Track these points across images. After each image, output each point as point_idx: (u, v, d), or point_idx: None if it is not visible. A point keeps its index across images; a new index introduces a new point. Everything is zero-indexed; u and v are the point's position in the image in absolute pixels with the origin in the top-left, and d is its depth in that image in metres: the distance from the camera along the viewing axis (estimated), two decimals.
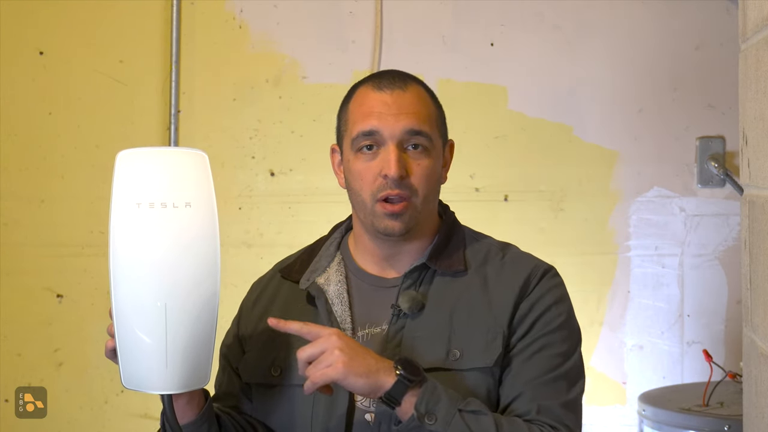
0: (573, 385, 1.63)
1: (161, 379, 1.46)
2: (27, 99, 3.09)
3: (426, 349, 1.62)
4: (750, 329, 1.70)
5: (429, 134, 1.65)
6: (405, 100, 1.64)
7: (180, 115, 3.08)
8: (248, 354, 1.74)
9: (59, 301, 3.09)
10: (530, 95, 3.08)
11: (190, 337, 1.46)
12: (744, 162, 1.71)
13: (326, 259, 1.75)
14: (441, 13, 3.08)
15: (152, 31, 3.09)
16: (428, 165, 1.64)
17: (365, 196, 1.64)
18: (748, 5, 1.66)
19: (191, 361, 1.46)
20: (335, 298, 1.68)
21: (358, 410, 1.62)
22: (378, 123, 1.63)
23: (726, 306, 3.05)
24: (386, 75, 1.69)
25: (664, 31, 3.05)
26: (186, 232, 1.45)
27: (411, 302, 1.64)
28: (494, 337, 1.62)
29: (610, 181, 3.08)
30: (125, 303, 1.44)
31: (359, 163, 1.65)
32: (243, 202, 3.09)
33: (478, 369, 1.61)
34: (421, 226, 1.68)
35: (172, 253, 1.44)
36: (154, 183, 1.45)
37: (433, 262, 1.68)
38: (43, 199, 3.09)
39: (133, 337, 1.44)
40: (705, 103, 3.06)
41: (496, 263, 1.69)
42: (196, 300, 1.46)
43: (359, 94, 1.69)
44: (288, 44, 3.09)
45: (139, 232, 1.44)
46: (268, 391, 1.69)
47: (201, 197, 1.47)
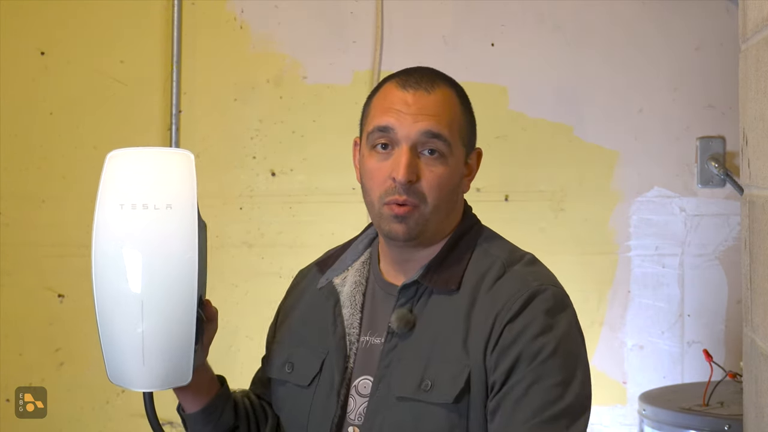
0: (575, 421, 1.47)
1: (140, 376, 1.50)
2: (28, 99, 3.10)
3: (405, 374, 1.55)
4: (750, 329, 1.70)
5: (447, 139, 1.56)
6: (427, 101, 1.57)
7: (181, 115, 3.08)
8: (273, 346, 1.74)
9: (60, 301, 3.09)
10: (531, 95, 3.08)
11: (167, 335, 1.48)
12: (744, 162, 1.71)
13: (352, 257, 1.70)
14: (441, 13, 3.08)
15: (153, 32, 3.09)
16: (442, 172, 1.56)
17: (374, 196, 1.59)
18: (748, 5, 1.67)
19: (169, 360, 1.49)
20: (347, 300, 1.65)
21: (347, 422, 1.60)
22: (395, 121, 1.56)
23: (726, 306, 3.05)
24: (415, 73, 1.62)
25: (664, 31, 3.06)
26: (165, 234, 1.48)
27: (400, 321, 1.57)
28: (460, 372, 1.51)
29: (610, 181, 3.08)
30: (105, 300, 1.50)
31: (372, 162, 1.59)
32: (244, 202, 3.10)
33: (442, 405, 1.51)
34: (434, 234, 1.60)
35: (150, 254, 1.47)
36: (137, 184, 1.49)
37: (426, 278, 1.59)
38: (44, 199, 3.09)
39: (113, 334, 1.50)
40: (705, 103, 3.06)
41: (488, 283, 1.57)
42: (174, 299, 1.48)
43: (384, 89, 1.62)
44: (289, 44, 3.10)
45: (120, 233, 1.48)
46: (281, 387, 1.70)
47: (182, 198, 1.49)
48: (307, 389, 1.64)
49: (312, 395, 1.63)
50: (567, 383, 1.48)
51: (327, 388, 1.61)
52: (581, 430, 1.48)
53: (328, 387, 1.61)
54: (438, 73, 1.64)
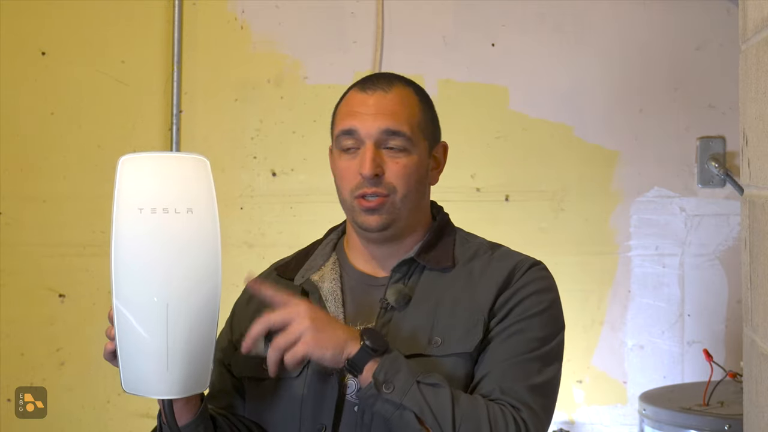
0: (546, 366, 1.62)
1: (162, 383, 1.46)
2: (29, 99, 3.10)
3: (409, 338, 1.63)
4: (750, 329, 1.71)
5: (408, 135, 1.66)
6: (385, 101, 1.67)
7: (182, 115, 3.08)
8: (240, 349, 1.74)
9: (61, 300, 3.10)
10: (531, 95, 3.08)
11: (191, 340, 1.46)
12: (744, 162, 1.71)
13: (322, 258, 1.78)
14: (442, 14, 3.08)
15: (154, 32, 3.09)
16: (406, 163, 1.66)
17: (345, 193, 1.69)
18: (749, 6, 1.67)
19: (192, 366, 1.47)
20: (329, 294, 1.71)
21: (348, 402, 1.63)
22: (357, 122, 1.66)
23: (726, 306, 3.05)
24: (375, 77, 1.72)
25: (664, 31, 3.06)
26: (187, 238, 1.46)
27: (397, 295, 1.67)
28: (475, 324, 1.63)
29: (610, 181, 3.08)
30: (127, 306, 1.44)
31: (342, 162, 1.69)
32: (244, 202, 3.10)
33: (457, 354, 1.62)
34: (407, 224, 1.71)
35: (174, 257, 1.45)
36: (155, 189, 1.46)
37: (421, 257, 1.70)
38: (45, 199, 3.09)
39: (135, 341, 1.45)
40: (705, 104, 3.06)
41: (484, 259, 1.71)
42: (197, 303, 1.47)
43: (347, 96, 1.73)
44: (289, 45, 3.10)
45: (141, 236, 1.45)
46: (260, 385, 1.70)
47: (202, 203, 1.48)
48: (297, 379, 1.65)
49: (303, 384, 1.65)
50: (546, 340, 1.64)
51: (321, 374, 1.63)
52: (552, 376, 1.63)
53: (321, 373, 1.63)
54: (397, 76, 1.73)
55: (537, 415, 1.58)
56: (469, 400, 1.55)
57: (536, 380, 1.60)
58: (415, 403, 1.51)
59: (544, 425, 1.60)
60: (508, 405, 1.56)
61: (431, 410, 1.51)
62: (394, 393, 1.52)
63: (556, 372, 1.65)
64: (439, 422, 1.51)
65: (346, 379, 1.63)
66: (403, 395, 1.52)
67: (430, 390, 1.53)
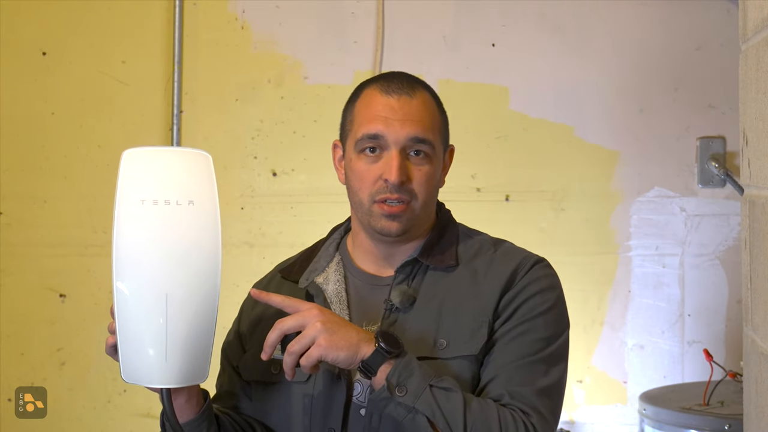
0: (552, 367, 1.63)
1: (160, 371, 1.48)
2: (30, 99, 3.10)
3: (415, 340, 1.63)
4: (750, 329, 1.71)
5: (432, 142, 1.67)
6: (411, 106, 1.67)
7: (182, 115, 3.08)
8: (249, 352, 1.76)
9: (62, 300, 3.10)
10: (531, 95, 3.08)
11: (190, 330, 1.48)
12: (744, 162, 1.71)
13: (325, 259, 1.78)
14: (442, 14, 3.08)
15: (155, 32, 3.09)
16: (429, 171, 1.67)
17: (363, 196, 1.68)
18: (749, 6, 1.67)
19: (190, 355, 1.48)
20: (333, 296, 1.71)
21: (354, 405, 1.63)
22: (383, 128, 1.65)
23: (726, 305, 3.06)
24: (395, 79, 1.71)
25: (664, 31, 3.06)
26: (188, 229, 1.48)
27: (402, 296, 1.67)
28: (479, 326, 1.63)
29: (611, 181, 3.08)
30: (127, 296, 1.47)
31: (361, 164, 1.67)
32: (245, 202, 3.10)
33: (462, 357, 1.62)
34: (417, 227, 1.71)
35: (174, 248, 1.47)
36: (158, 181, 1.48)
37: (424, 257, 1.70)
38: (46, 199, 3.10)
39: (134, 330, 1.47)
40: (706, 104, 3.06)
41: (487, 257, 1.72)
42: (197, 294, 1.48)
43: (367, 95, 1.71)
44: (290, 45, 3.10)
45: (143, 227, 1.47)
46: (268, 389, 1.71)
47: (204, 195, 1.49)
48: (306, 383, 1.65)
49: (312, 388, 1.65)
50: (551, 340, 1.65)
51: (328, 378, 1.64)
52: (558, 377, 1.64)
53: (329, 377, 1.64)
54: (413, 77, 1.73)
55: (545, 419, 1.59)
56: (481, 404, 1.56)
57: (543, 383, 1.61)
58: (427, 406, 1.52)
59: (552, 428, 1.62)
60: (518, 410, 1.57)
61: (443, 414, 1.52)
62: (407, 396, 1.52)
63: (562, 372, 1.66)
64: (451, 426, 1.52)
65: (353, 381, 1.64)
66: (416, 399, 1.52)
67: (443, 394, 1.54)
